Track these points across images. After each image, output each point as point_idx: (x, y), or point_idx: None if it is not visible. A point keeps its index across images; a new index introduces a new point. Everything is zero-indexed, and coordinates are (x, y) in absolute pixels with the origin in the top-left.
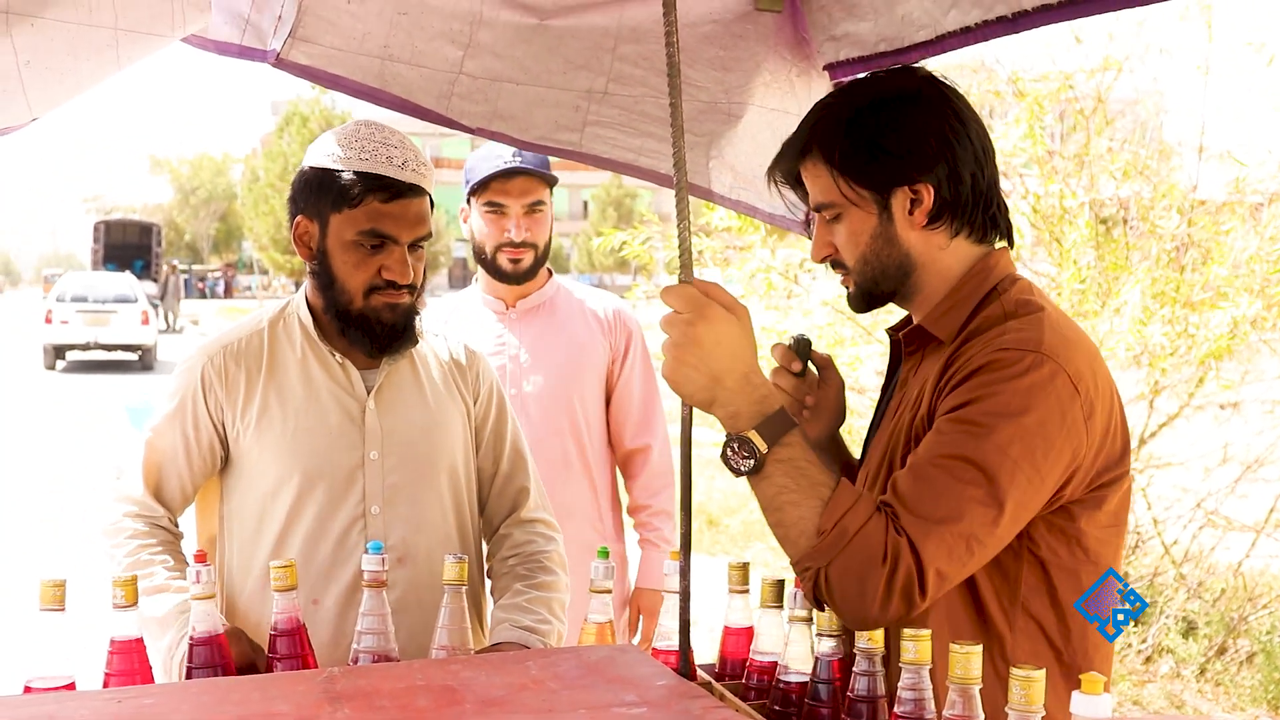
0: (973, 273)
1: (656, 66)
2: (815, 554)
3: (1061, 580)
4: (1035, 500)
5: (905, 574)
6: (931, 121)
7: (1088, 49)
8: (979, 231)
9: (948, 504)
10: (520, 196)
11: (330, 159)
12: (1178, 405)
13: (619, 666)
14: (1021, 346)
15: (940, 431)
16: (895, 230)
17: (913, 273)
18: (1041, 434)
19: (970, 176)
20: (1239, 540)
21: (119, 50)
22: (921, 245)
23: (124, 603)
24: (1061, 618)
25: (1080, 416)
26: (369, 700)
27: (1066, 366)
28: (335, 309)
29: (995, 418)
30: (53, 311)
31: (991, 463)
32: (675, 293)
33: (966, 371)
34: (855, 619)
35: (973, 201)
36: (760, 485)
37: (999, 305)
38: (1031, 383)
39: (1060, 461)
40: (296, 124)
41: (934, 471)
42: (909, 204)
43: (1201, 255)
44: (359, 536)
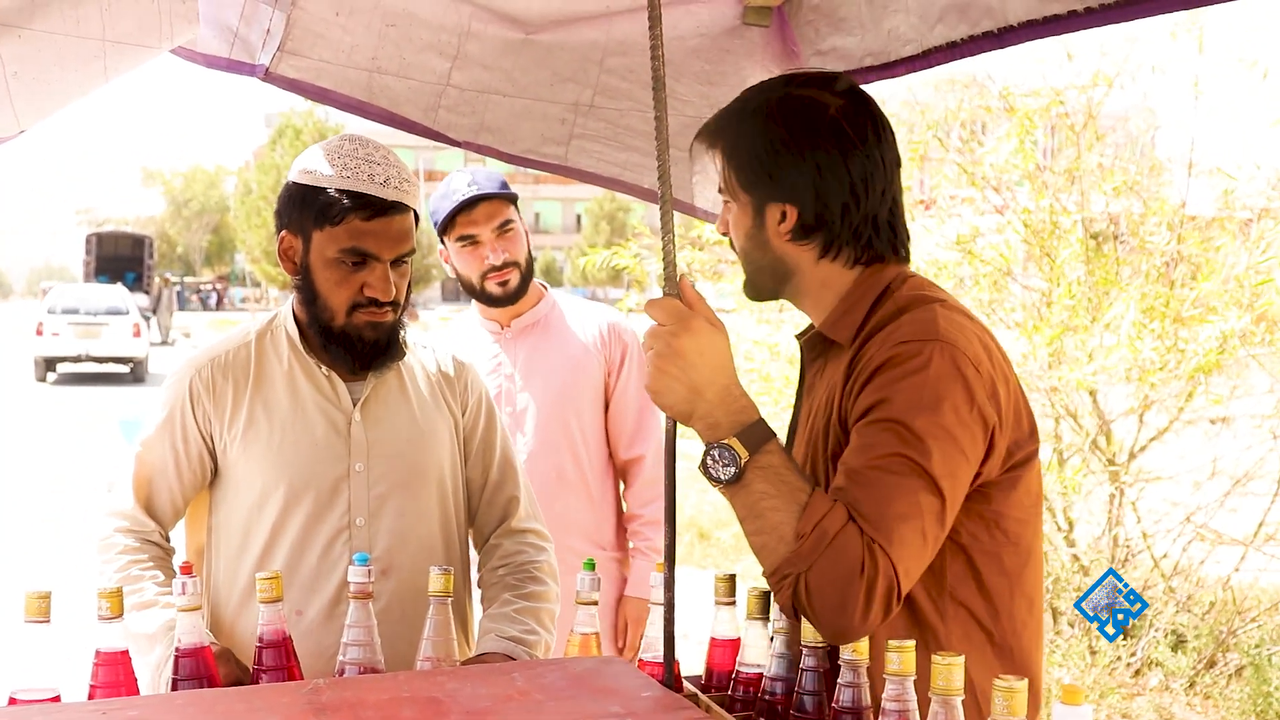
0: (862, 279)
1: (643, 80)
2: (795, 559)
3: (985, 564)
4: (965, 483)
5: (885, 581)
6: (812, 148)
7: (1079, 64)
8: (852, 252)
9: (900, 503)
10: (488, 221)
11: (313, 175)
12: (1167, 419)
13: (604, 678)
14: (919, 337)
15: (865, 435)
16: (767, 237)
17: (790, 278)
18: (957, 418)
19: (841, 206)
20: (1228, 554)
21: (106, 61)
22: (793, 256)
23: (109, 614)
24: (989, 601)
25: (986, 396)
26: (354, 712)
27: (966, 350)
28: (318, 324)
29: (912, 411)
30: (44, 323)
31: (922, 454)
32: (659, 305)
33: (871, 369)
34: (834, 629)
35: (841, 229)
36: (740, 493)
37: (892, 303)
38: (936, 371)
39: (978, 441)
40: (290, 136)
41: (875, 474)
42: (779, 217)
43: (1191, 270)
44: (344, 548)
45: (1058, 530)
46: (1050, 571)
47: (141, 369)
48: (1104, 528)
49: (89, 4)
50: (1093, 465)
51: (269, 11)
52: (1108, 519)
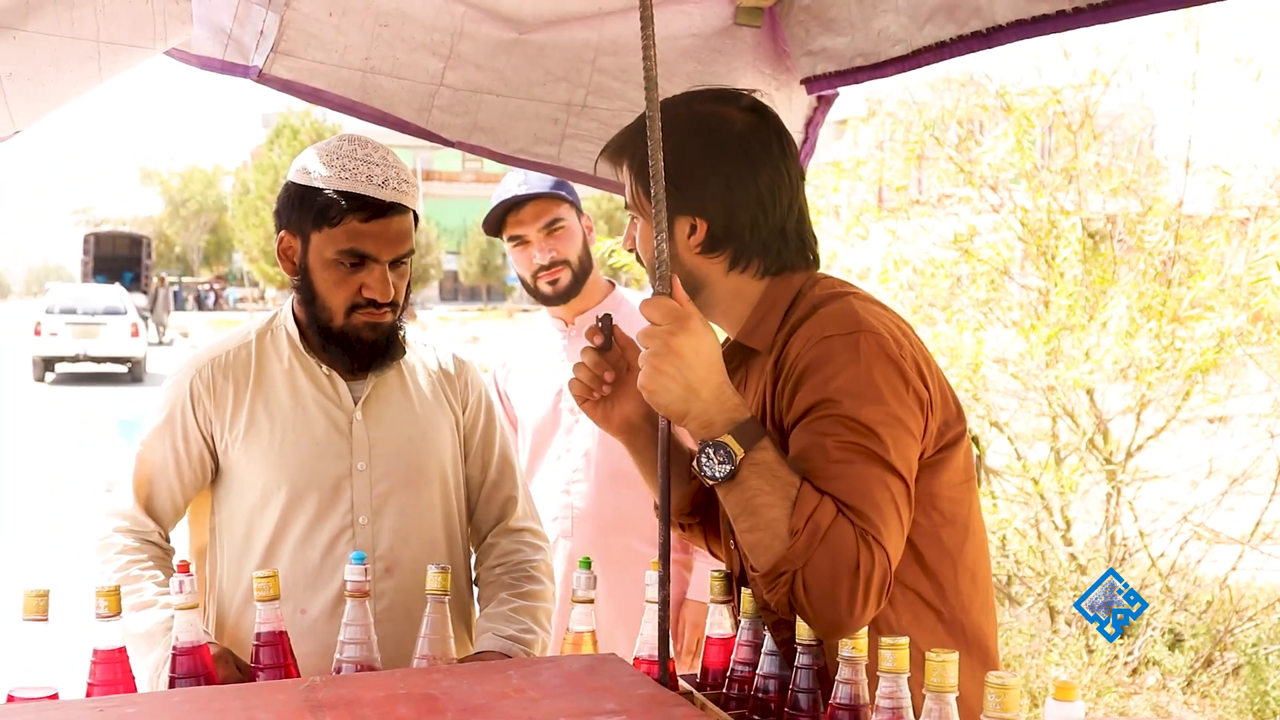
0: (770, 288)
1: (635, 80)
2: (791, 556)
3: (926, 546)
4: (915, 464)
5: (881, 571)
6: (717, 164)
7: (1076, 64)
8: (760, 264)
9: (874, 491)
10: (535, 221)
11: (311, 176)
12: (1165, 419)
13: (600, 676)
14: (843, 330)
15: (815, 433)
16: (676, 250)
17: (701, 290)
18: (896, 399)
19: (750, 218)
20: (1225, 553)
21: (100, 62)
22: (703, 269)
23: (107, 613)
24: (934, 580)
25: (916, 376)
26: (350, 709)
27: (888, 334)
28: (317, 325)
29: (855, 403)
30: (42, 323)
31: (875, 442)
32: (655, 305)
33: (800, 369)
34: (831, 624)
35: (750, 241)
36: (734, 491)
37: (806, 303)
38: (867, 360)
39: (918, 421)
40: (287, 136)
41: (840, 468)
42: (688, 230)
43: (1188, 269)
44: (347, 546)
45: (1055, 529)
46: (1047, 570)
47: (139, 369)
48: (1101, 527)
49: (83, 5)
50: (1090, 464)
51: (262, 13)
52: (1105, 518)
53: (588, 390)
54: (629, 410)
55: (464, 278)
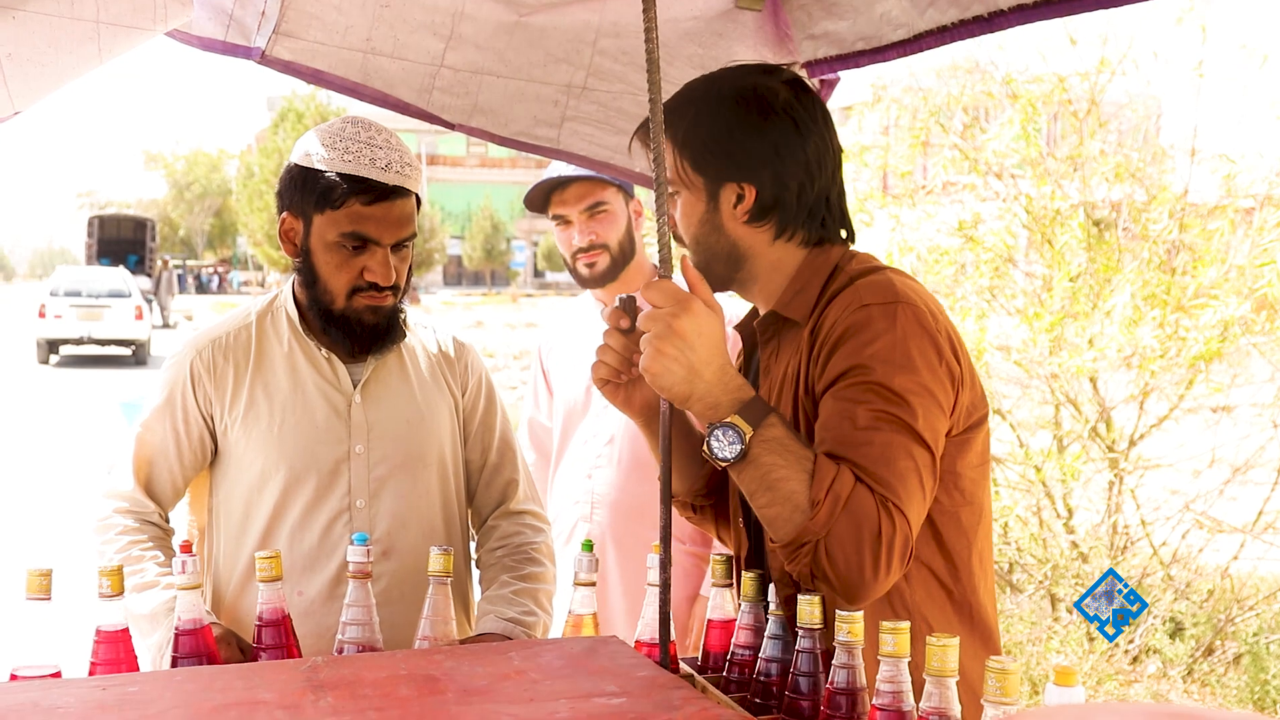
0: (809, 260)
1: (636, 62)
2: (813, 527)
3: (945, 524)
4: (943, 436)
5: (902, 537)
6: (770, 129)
7: (1082, 51)
8: (805, 233)
9: (899, 460)
10: (577, 202)
11: (314, 158)
12: (1167, 407)
13: (600, 658)
14: (881, 300)
15: (845, 399)
16: (721, 220)
17: (743, 263)
18: (929, 371)
19: (797, 185)
20: (1227, 542)
21: (100, 43)
22: (748, 239)
23: (110, 592)
24: (949, 559)
25: (949, 351)
26: (352, 689)
27: (925, 307)
28: (318, 307)
29: (888, 372)
30: (46, 306)
31: (905, 411)
32: (657, 288)
33: (835, 337)
34: (853, 590)
35: (797, 208)
36: (747, 469)
37: (844, 275)
38: (903, 329)
39: (946, 393)
40: (292, 120)
41: (866, 435)
42: (735, 199)
43: (1193, 258)
44: (344, 529)
45: (1057, 517)
46: (1049, 558)
47: (143, 351)
48: (1103, 515)
49: None
50: (1092, 452)
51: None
52: (1107, 506)
53: (614, 373)
54: (650, 394)
55: (468, 262)
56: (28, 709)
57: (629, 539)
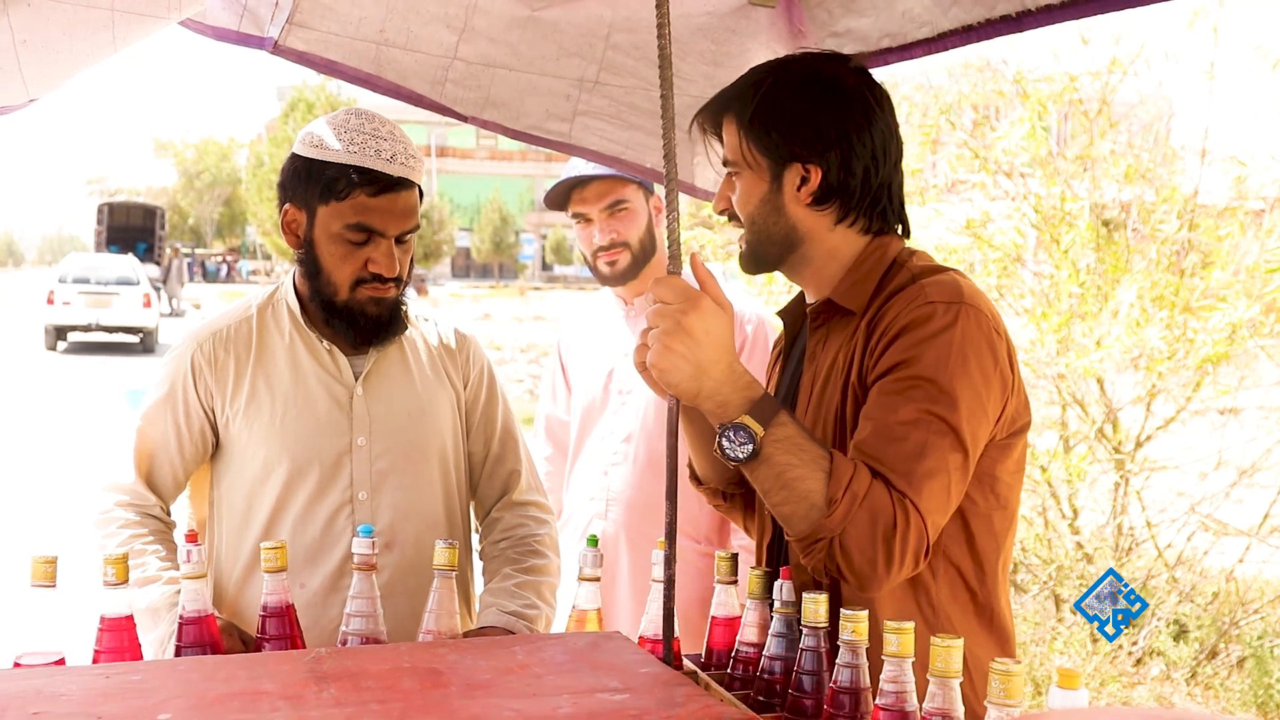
0: (869, 251)
1: (648, 57)
2: (829, 524)
3: (978, 526)
4: (984, 441)
5: (917, 535)
6: (838, 111)
7: (1094, 50)
8: (865, 221)
9: (929, 459)
10: (598, 201)
11: (318, 149)
12: (1174, 409)
13: (604, 653)
14: (946, 299)
15: (891, 393)
16: (783, 201)
17: (799, 245)
18: (981, 376)
19: (863, 171)
20: (1232, 545)
21: (114, 31)
22: (808, 222)
23: (115, 580)
24: (977, 562)
25: (1005, 358)
26: (355, 681)
27: (986, 312)
28: (321, 299)
29: (940, 369)
30: (55, 292)
31: (950, 411)
32: (666, 284)
33: (895, 330)
34: (868, 581)
35: (861, 194)
36: (760, 468)
37: (906, 272)
38: (961, 331)
39: (995, 400)
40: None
41: (904, 429)
42: (799, 180)
43: (1202, 260)
44: (346, 522)
45: (1062, 518)
46: (1054, 559)
47: (151, 339)
48: (1108, 516)
49: None
50: (1099, 453)
51: None
52: (1112, 507)
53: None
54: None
55: (476, 255)
56: (31, 696)
57: (642, 538)
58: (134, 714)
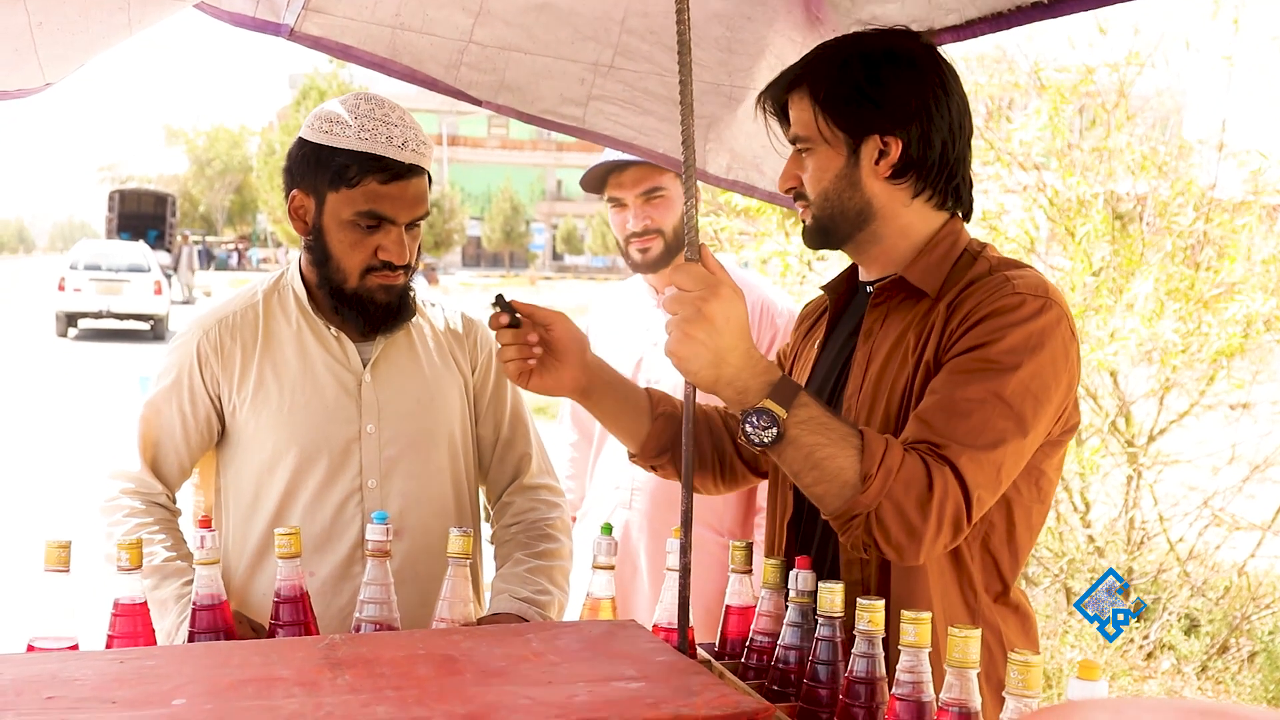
0: (943, 234)
1: (664, 42)
2: (865, 500)
3: (1020, 518)
4: (1044, 432)
5: (954, 501)
6: (917, 84)
7: (1112, 40)
8: (940, 197)
9: (987, 435)
10: (634, 186)
11: (328, 134)
12: (1188, 403)
13: (619, 641)
14: (1032, 292)
15: (963, 371)
16: (860, 175)
17: (871, 221)
18: (1052, 370)
19: (941, 144)
20: (1244, 540)
21: (130, 14)
22: (883, 196)
23: (128, 565)
24: (1012, 553)
25: (1076, 358)
26: (370, 667)
27: (1068, 313)
28: (330, 286)
29: (1016, 355)
30: (66, 279)
31: (1017, 397)
32: (686, 271)
33: (980, 315)
34: (908, 551)
35: (939, 167)
36: (787, 450)
37: (984, 262)
38: (1044, 324)
39: (1060, 396)
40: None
41: (968, 406)
42: (877, 154)
43: (1217, 253)
44: (355, 510)
45: (1074, 510)
46: (1065, 552)
47: (162, 326)
48: (1120, 510)
49: None
50: (1111, 447)
51: None
52: (1124, 501)
53: (523, 365)
54: (572, 373)
55: (487, 244)
56: (46, 680)
57: (665, 528)
58: (148, 699)
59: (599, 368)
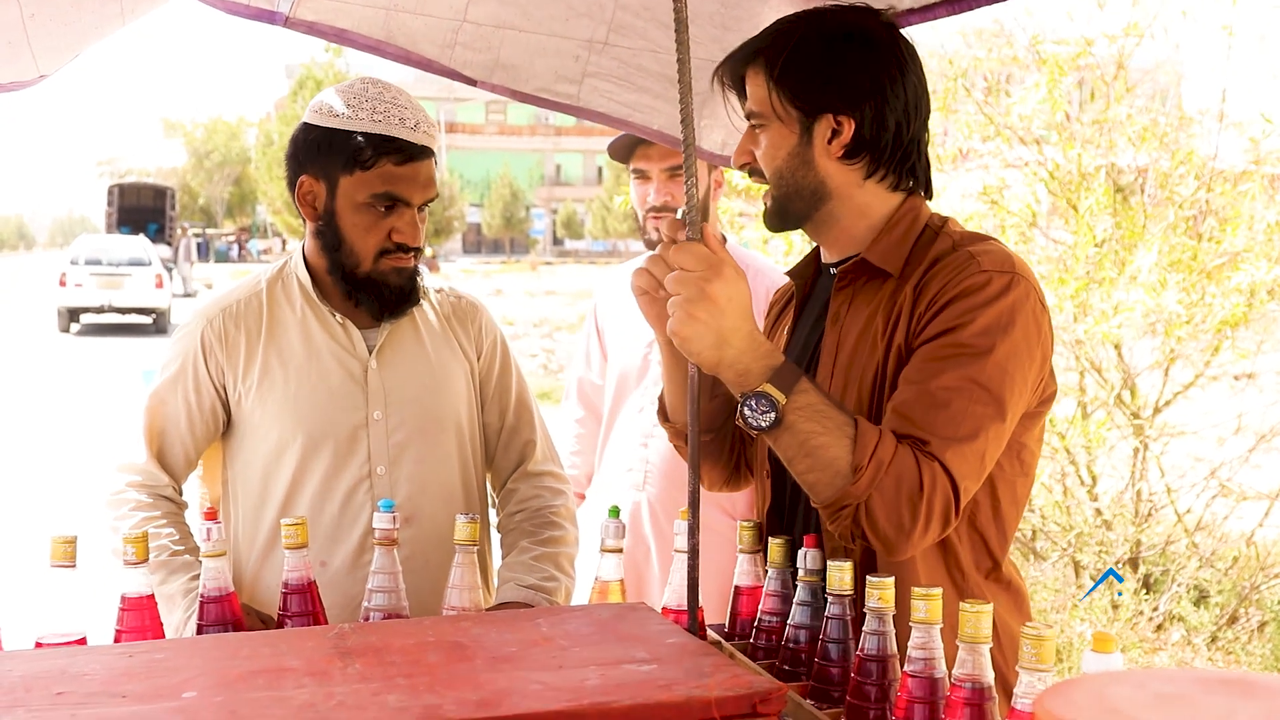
0: (901, 212)
1: (658, 18)
2: (855, 490)
3: (1003, 493)
4: (1022, 408)
5: (944, 497)
6: (873, 63)
7: (1110, 13)
8: (895, 177)
9: (967, 424)
10: (660, 160)
11: (338, 118)
12: (1192, 374)
13: (629, 624)
14: (997, 268)
15: (937, 358)
16: (813, 154)
17: (827, 201)
18: (1025, 346)
19: (895, 125)
20: (1252, 510)
21: (123, 3)
22: (838, 176)
23: (135, 559)
24: (999, 528)
25: (1048, 329)
26: (380, 656)
27: (1035, 285)
28: (342, 271)
29: (988, 337)
30: (67, 274)
31: (994, 380)
32: (688, 251)
33: (948, 297)
34: (896, 546)
35: (893, 148)
36: (783, 436)
37: (946, 238)
38: (1013, 300)
39: (1035, 373)
40: (311, 87)
41: (946, 395)
42: (830, 133)
43: (1219, 223)
44: (365, 497)
45: (1081, 484)
46: (1073, 525)
47: (164, 320)
48: (1127, 482)
49: None
50: (1117, 419)
51: None
52: (1131, 474)
53: (655, 285)
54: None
55: (487, 230)
56: (55, 675)
57: (677, 512)
58: (158, 692)
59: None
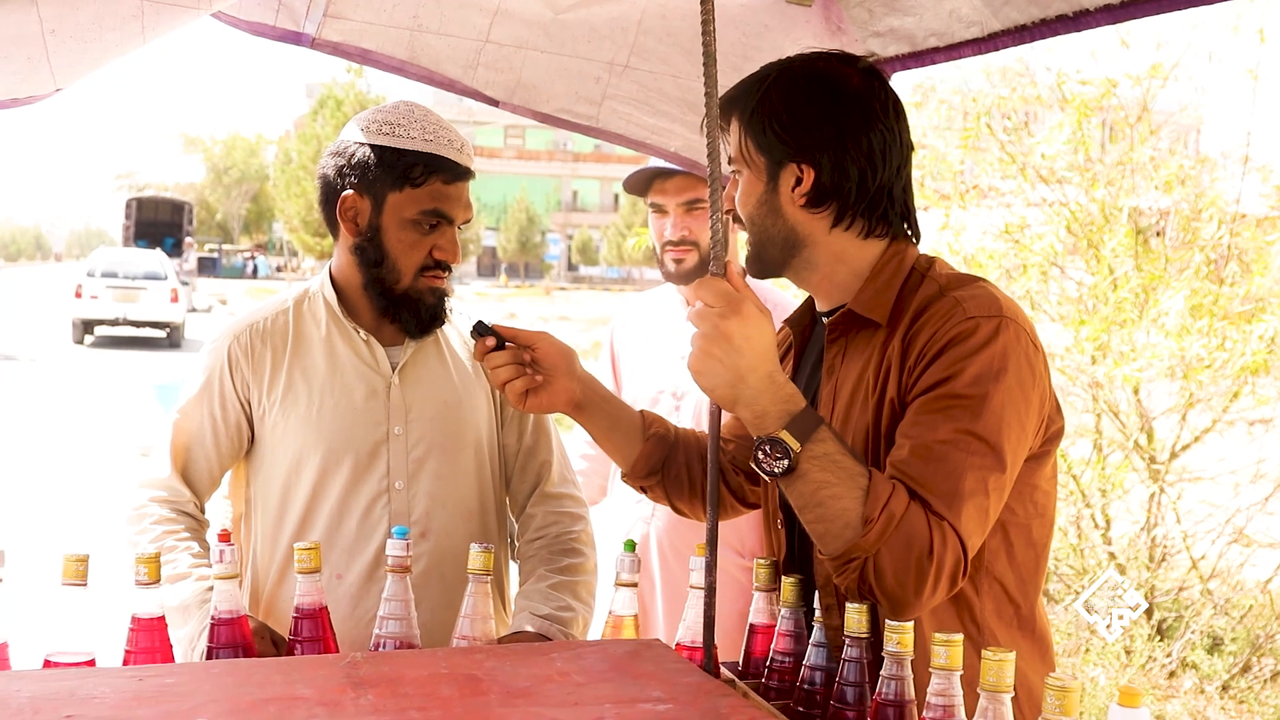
0: (885, 258)
1: (680, 44)
2: (864, 544)
3: (1018, 537)
4: (1023, 457)
5: (953, 558)
6: (836, 113)
7: (1135, 53)
8: (864, 223)
9: (968, 480)
10: (677, 194)
11: (390, 138)
12: (1210, 419)
13: (644, 662)
14: (984, 314)
15: (932, 410)
16: (780, 202)
17: (801, 249)
18: (1020, 391)
19: (858, 173)
20: (1267, 558)
21: (144, 22)
22: (806, 224)
23: (146, 580)
24: (1019, 575)
25: (1042, 369)
26: (393, 687)
27: (1025, 326)
28: (380, 287)
29: (980, 385)
30: (83, 286)
31: (991, 431)
32: (709, 286)
33: (937, 348)
34: (902, 606)
35: (857, 196)
36: (796, 484)
37: (931, 282)
38: (1003, 345)
39: (1034, 414)
40: (331, 107)
41: (944, 449)
42: (794, 181)
43: (1242, 269)
44: (383, 511)
45: (1095, 528)
46: (1086, 569)
47: (178, 334)
48: (1142, 527)
49: None
50: (1134, 463)
51: None
52: (1146, 518)
53: (527, 381)
54: (565, 384)
55: (502, 254)
56: (64, 697)
57: (683, 546)
58: (169, 718)
59: (590, 382)
